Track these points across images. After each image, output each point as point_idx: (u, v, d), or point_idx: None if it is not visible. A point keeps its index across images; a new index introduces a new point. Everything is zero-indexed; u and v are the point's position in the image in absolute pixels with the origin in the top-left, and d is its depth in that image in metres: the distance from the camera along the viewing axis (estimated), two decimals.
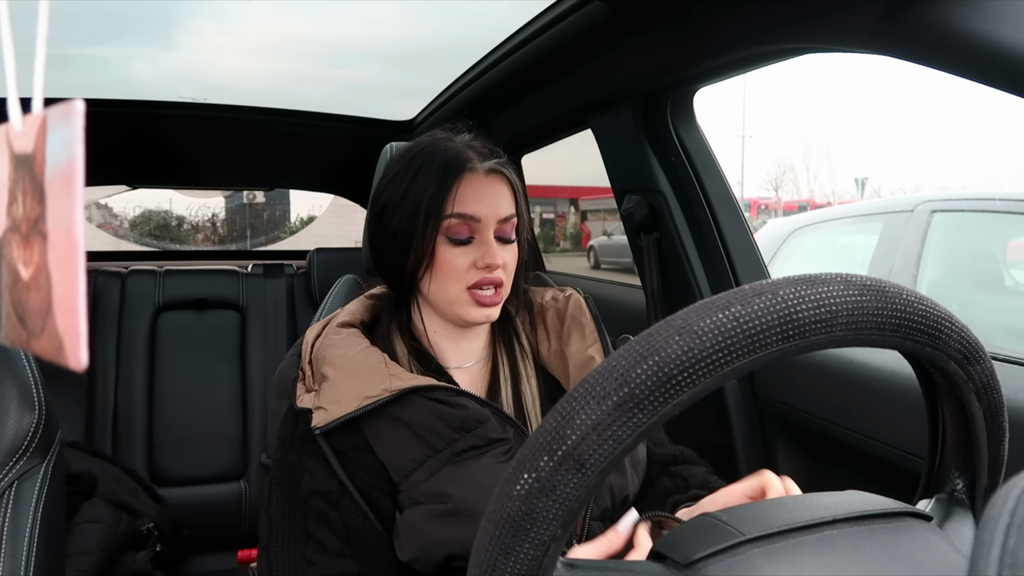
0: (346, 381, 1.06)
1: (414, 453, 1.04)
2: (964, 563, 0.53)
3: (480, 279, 1.11)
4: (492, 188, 1.13)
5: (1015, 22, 0.74)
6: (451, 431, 1.05)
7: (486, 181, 1.12)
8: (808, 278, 0.50)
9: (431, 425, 1.05)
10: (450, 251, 1.10)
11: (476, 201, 1.11)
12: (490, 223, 1.11)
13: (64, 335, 0.34)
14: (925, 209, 3.40)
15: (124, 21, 1.92)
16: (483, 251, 1.11)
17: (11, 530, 1.15)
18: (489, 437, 1.05)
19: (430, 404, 1.06)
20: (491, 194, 1.12)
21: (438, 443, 1.04)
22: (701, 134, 1.69)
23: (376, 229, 1.16)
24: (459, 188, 1.10)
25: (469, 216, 1.10)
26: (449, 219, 1.09)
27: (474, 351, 1.21)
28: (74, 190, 0.33)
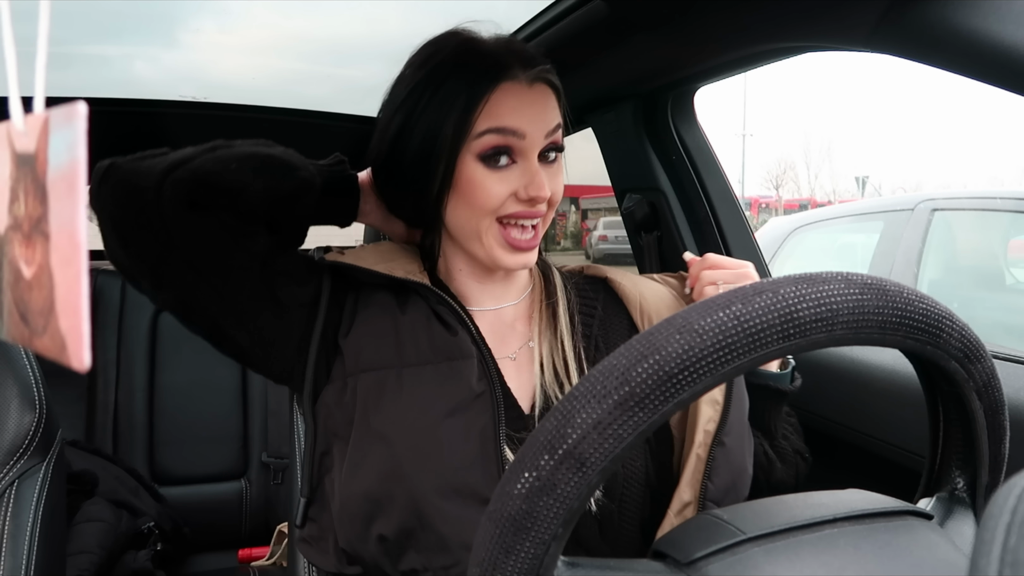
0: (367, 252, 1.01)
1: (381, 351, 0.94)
2: (965, 562, 0.53)
3: (518, 211, 0.94)
4: (538, 99, 0.94)
5: (1016, 20, 0.74)
6: (429, 351, 0.94)
7: (530, 91, 0.94)
8: (809, 277, 0.50)
9: (415, 334, 0.94)
10: (483, 174, 0.92)
11: (520, 111, 0.92)
12: (536, 141, 0.93)
13: (67, 335, 0.34)
14: (926, 208, 3.40)
15: (125, 20, 1.92)
16: (527, 178, 0.93)
17: (12, 529, 1.15)
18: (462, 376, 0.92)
19: (429, 314, 0.96)
20: (538, 105, 0.94)
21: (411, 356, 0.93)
22: (702, 133, 1.69)
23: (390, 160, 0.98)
24: (494, 98, 0.91)
25: (510, 130, 0.91)
26: (484, 135, 0.91)
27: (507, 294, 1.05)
28: (77, 192, 0.33)
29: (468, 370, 0.92)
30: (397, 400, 0.90)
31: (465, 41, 0.97)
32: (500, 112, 0.92)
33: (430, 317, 0.96)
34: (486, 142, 0.92)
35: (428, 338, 0.94)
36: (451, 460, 0.87)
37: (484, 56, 0.94)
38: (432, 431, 0.88)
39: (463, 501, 0.86)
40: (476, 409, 0.91)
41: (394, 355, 0.93)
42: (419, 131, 0.94)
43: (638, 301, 1.06)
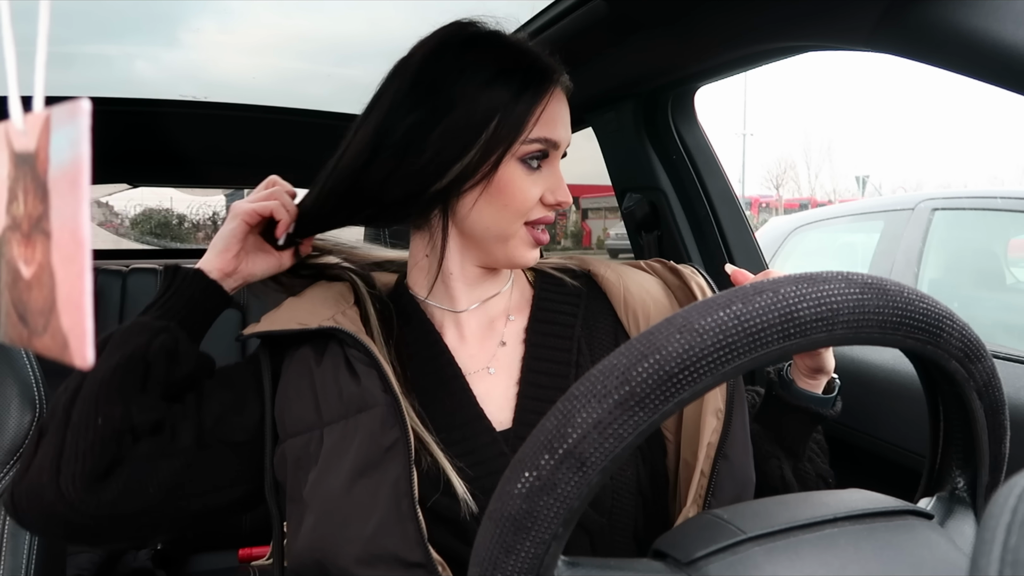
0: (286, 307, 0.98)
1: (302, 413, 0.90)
2: (965, 561, 0.53)
3: (543, 216, 0.96)
4: (566, 107, 0.97)
5: (1016, 20, 0.74)
6: (341, 404, 0.88)
7: (563, 97, 0.97)
8: (809, 276, 0.50)
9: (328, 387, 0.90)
10: (522, 177, 0.92)
11: (558, 121, 0.94)
12: (562, 150, 0.96)
13: (69, 333, 0.34)
14: (926, 207, 3.40)
15: (126, 19, 1.92)
16: (554, 184, 0.95)
17: (12, 528, 1.15)
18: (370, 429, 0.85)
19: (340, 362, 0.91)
20: (563, 113, 0.96)
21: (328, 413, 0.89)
22: (702, 132, 1.69)
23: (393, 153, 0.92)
24: (548, 106, 0.92)
25: (552, 141, 0.93)
26: (534, 143, 0.92)
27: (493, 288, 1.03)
28: (80, 189, 0.33)
29: (374, 422, 0.86)
30: (316, 464, 0.87)
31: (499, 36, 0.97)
32: (549, 122, 0.93)
33: (340, 366, 0.91)
34: (533, 148, 0.92)
35: (338, 390, 0.89)
36: (366, 525, 0.82)
37: (533, 60, 0.94)
38: (345, 495, 0.83)
39: (386, 567, 0.81)
40: (387, 464, 0.84)
41: (314, 415, 0.90)
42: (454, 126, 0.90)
43: (622, 295, 1.02)
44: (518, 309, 1.03)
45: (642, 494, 0.92)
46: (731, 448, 0.90)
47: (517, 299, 1.05)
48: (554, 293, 1.04)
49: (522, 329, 1.01)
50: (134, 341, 0.89)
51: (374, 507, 0.82)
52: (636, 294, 1.02)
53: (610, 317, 1.03)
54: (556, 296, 1.04)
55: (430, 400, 0.93)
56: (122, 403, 0.86)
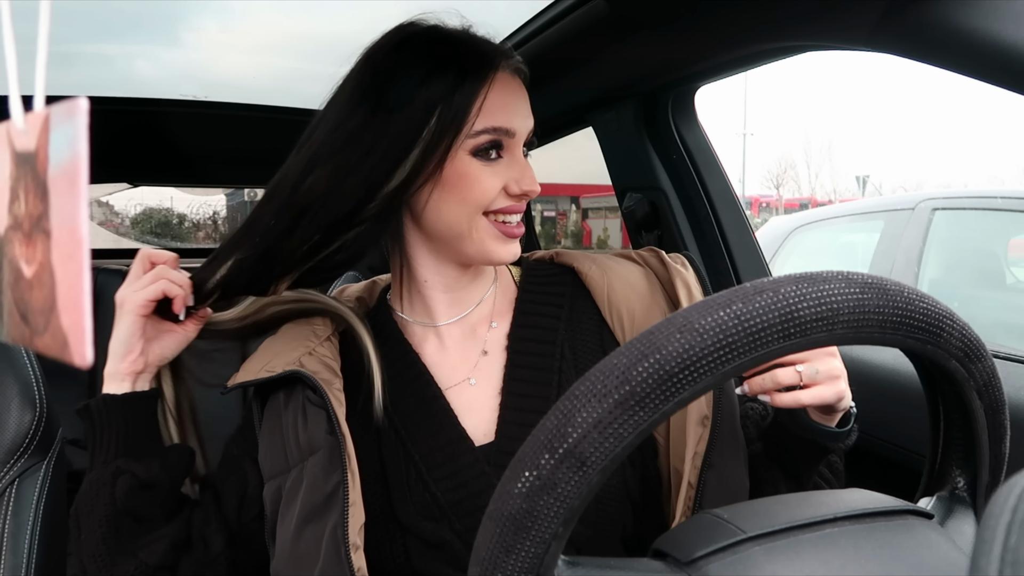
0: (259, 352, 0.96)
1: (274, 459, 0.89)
2: (965, 561, 0.53)
3: (507, 206, 0.90)
4: (519, 91, 0.92)
5: (1016, 20, 0.74)
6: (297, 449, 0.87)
7: (515, 84, 0.92)
8: (809, 276, 0.50)
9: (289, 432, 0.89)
10: (477, 168, 0.88)
11: (509, 109, 0.90)
12: (522, 137, 0.91)
13: (69, 332, 0.34)
14: (926, 207, 3.39)
15: (126, 19, 1.92)
16: (517, 172, 0.90)
17: (12, 528, 1.15)
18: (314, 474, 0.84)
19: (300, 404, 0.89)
20: (521, 100, 0.92)
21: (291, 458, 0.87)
22: (702, 132, 1.69)
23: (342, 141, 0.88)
24: (490, 93, 0.88)
25: (504, 130, 0.89)
26: (481, 134, 0.87)
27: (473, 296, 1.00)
28: (78, 187, 0.33)
29: (317, 466, 0.84)
30: (277, 510, 0.87)
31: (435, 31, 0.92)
32: (494, 110, 0.88)
33: (299, 409, 0.89)
34: (483, 140, 0.88)
35: (295, 435, 0.88)
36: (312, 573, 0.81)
37: (469, 48, 0.90)
38: (295, 543, 0.83)
39: None
40: (329, 510, 0.82)
41: (283, 461, 0.88)
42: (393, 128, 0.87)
43: (605, 293, 0.98)
44: (501, 314, 1.00)
45: (631, 499, 0.90)
46: (718, 457, 0.87)
47: (501, 303, 1.01)
48: (537, 295, 1.00)
49: (504, 335, 0.98)
50: (100, 503, 0.89)
51: (317, 554, 0.81)
52: (620, 291, 0.98)
53: (595, 317, 0.99)
54: (539, 298, 1.00)
55: (412, 421, 0.92)
56: (130, 557, 0.88)
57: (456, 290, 0.98)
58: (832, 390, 0.83)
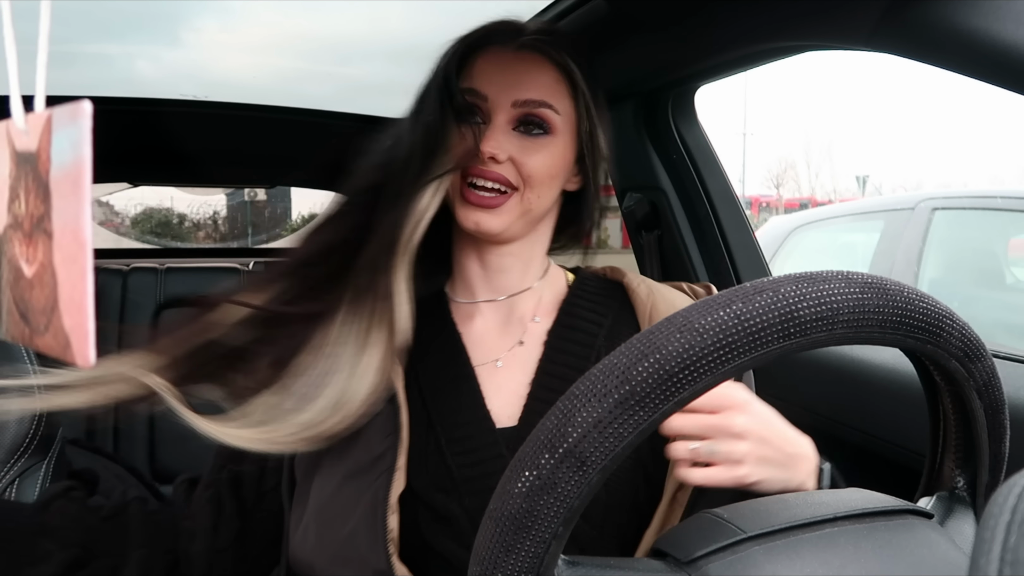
0: None
1: None
2: (965, 561, 0.53)
3: (471, 168, 0.91)
4: (519, 67, 0.93)
5: (1016, 20, 0.74)
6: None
7: (514, 57, 0.93)
8: (809, 276, 0.50)
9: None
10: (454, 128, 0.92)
11: (487, 77, 0.93)
12: (501, 106, 0.92)
13: (71, 333, 0.34)
14: (926, 207, 3.40)
15: (126, 19, 1.92)
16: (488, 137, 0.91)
17: None
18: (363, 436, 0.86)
19: None
20: (513, 73, 0.93)
21: None
22: (702, 132, 1.69)
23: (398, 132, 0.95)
24: (476, 63, 0.94)
25: (474, 91, 0.92)
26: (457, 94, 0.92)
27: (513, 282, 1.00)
28: (82, 190, 0.33)
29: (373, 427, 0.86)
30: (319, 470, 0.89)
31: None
32: (473, 75, 0.93)
33: None
34: (460, 101, 0.92)
35: None
36: (345, 526, 0.83)
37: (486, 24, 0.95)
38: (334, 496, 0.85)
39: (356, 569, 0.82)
40: (374, 470, 0.85)
41: None
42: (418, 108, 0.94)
43: (648, 313, 0.99)
44: (545, 312, 1.01)
45: (638, 510, 0.90)
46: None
47: (547, 301, 1.02)
48: (584, 301, 1.02)
49: (544, 331, 0.99)
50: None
51: (354, 511, 0.83)
52: (663, 313, 0.97)
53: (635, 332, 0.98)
54: (585, 304, 1.01)
55: (441, 394, 0.93)
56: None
57: (493, 264, 0.99)
58: (729, 475, 0.75)
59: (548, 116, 0.93)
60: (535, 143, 0.93)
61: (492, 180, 0.91)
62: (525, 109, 0.92)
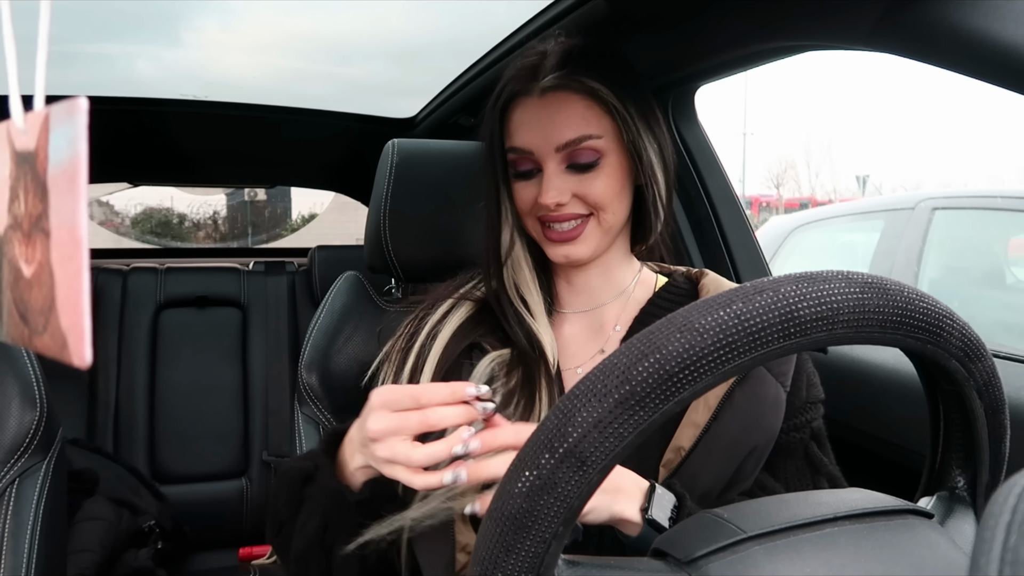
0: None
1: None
2: (965, 560, 0.53)
3: (542, 216, 0.98)
4: (549, 111, 0.97)
5: (1016, 20, 0.74)
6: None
7: (542, 104, 0.97)
8: (809, 275, 0.50)
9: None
10: (518, 184, 1.00)
11: (526, 130, 0.98)
12: (547, 154, 0.97)
13: (68, 332, 0.34)
14: (926, 207, 3.40)
15: (127, 18, 1.92)
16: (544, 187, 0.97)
17: (13, 527, 1.15)
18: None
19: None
20: (547, 119, 0.97)
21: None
22: (702, 131, 1.69)
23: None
24: (513, 116, 0.99)
25: (520, 149, 0.98)
26: (508, 153, 1.00)
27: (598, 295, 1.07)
28: (78, 187, 0.33)
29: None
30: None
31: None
32: (514, 132, 0.99)
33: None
34: (510, 158, 1.00)
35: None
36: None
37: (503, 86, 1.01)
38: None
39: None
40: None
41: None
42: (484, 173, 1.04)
43: None
44: (627, 321, 1.05)
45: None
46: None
47: (631, 308, 1.06)
48: (660, 309, 1.05)
49: (620, 340, 1.03)
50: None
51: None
52: None
53: None
54: (660, 312, 1.02)
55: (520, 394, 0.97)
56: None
57: (577, 283, 1.07)
58: None
59: (593, 146, 0.96)
60: (591, 174, 0.97)
61: (565, 220, 0.98)
62: (569, 150, 0.96)
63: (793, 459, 1.01)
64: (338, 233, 10.02)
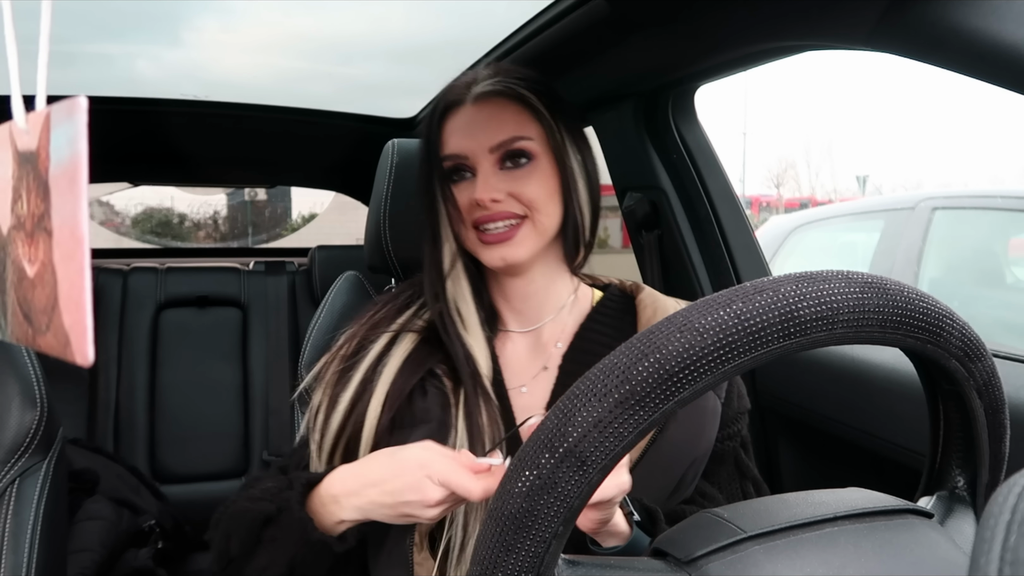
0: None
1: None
2: (965, 560, 0.53)
3: (477, 217, 1.00)
4: (483, 115, 1.02)
5: (1016, 19, 0.74)
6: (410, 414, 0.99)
7: (475, 110, 1.02)
8: (809, 275, 0.50)
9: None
10: (452, 188, 1.02)
11: (460, 136, 1.01)
12: (480, 156, 1.00)
13: (70, 331, 0.34)
14: (926, 206, 3.40)
15: (127, 18, 1.92)
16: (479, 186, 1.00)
17: (13, 527, 1.15)
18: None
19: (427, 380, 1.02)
20: (480, 123, 1.01)
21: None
22: (702, 131, 1.69)
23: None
24: (447, 126, 1.03)
25: (454, 155, 1.01)
26: (443, 161, 1.02)
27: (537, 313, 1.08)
28: (78, 186, 0.33)
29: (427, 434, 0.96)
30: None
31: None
32: (447, 140, 1.02)
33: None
34: (445, 166, 1.02)
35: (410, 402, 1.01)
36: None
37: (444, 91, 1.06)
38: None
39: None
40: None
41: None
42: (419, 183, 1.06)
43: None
44: (567, 336, 1.07)
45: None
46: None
47: (571, 325, 1.08)
48: (599, 324, 1.08)
49: (561, 356, 1.05)
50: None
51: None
52: None
53: None
54: (600, 327, 1.07)
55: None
56: None
57: (516, 300, 1.08)
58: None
59: (524, 147, 1.01)
60: (524, 172, 1.01)
61: (500, 219, 0.99)
62: (502, 150, 1.00)
63: (725, 466, 1.05)
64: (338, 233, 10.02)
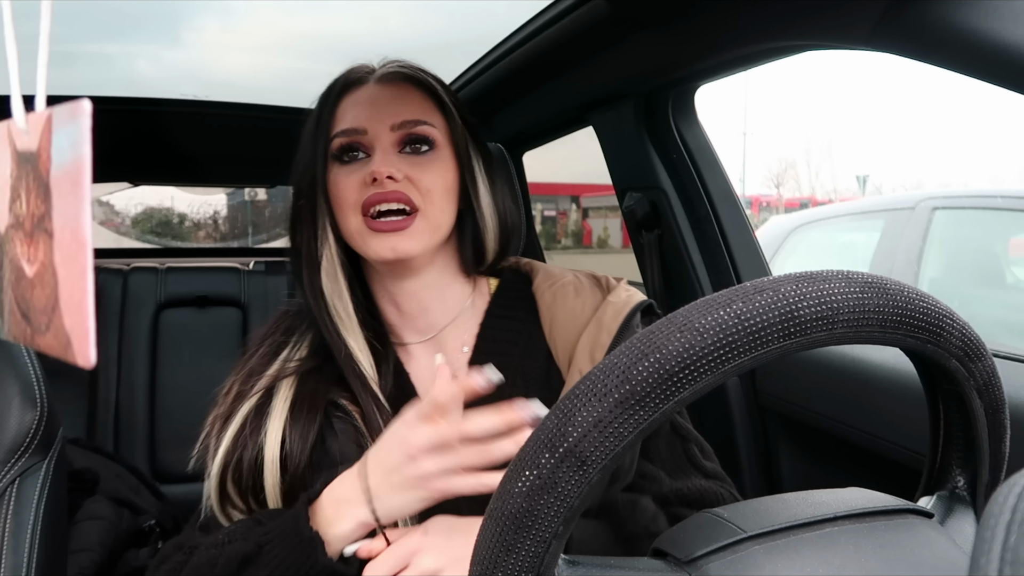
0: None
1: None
2: (965, 560, 0.53)
3: (370, 196, 0.90)
4: (388, 94, 0.95)
5: (1016, 19, 0.74)
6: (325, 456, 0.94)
7: (378, 88, 0.96)
8: (809, 275, 0.50)
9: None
10: (339, 171, 0.93)
11: (359, 110, 0.94)
12: (381, 133, 0.93)
13: (72, 332, 0.34)
14: (926, 206, 3.40)
15: (128, 18, 1.92)
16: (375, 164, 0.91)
17: (13, 527, 1.15)
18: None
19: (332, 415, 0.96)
20: (384, 100, 0.94)
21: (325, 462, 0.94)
22: (702, 131, 1.69)
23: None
24: (344, 103, 0.95)
25: (352, 130, 0.93)
26: (334, 139, 0.93)
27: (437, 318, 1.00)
28: (82, 189, 0.33)
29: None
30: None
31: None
32: (344, 116, 0.94)
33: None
34: (336, 144, 0.93)
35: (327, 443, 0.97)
36: None
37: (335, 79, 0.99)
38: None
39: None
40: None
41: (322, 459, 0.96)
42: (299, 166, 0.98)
43: (549, 326, 0.98)
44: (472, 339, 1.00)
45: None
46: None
47: (473, 326, 1.01)
48: (499, 319, 1.01)
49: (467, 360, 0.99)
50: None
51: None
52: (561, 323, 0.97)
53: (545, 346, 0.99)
54: (500, 323, 1.00)
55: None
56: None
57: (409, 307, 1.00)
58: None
59: (428, 132, 0.95)
60: (425, 159, 0.94)
61: (395, 201, 0.91)
62: (405, 130, 0.94)
63: (662, 435, 0.98)
64: None
